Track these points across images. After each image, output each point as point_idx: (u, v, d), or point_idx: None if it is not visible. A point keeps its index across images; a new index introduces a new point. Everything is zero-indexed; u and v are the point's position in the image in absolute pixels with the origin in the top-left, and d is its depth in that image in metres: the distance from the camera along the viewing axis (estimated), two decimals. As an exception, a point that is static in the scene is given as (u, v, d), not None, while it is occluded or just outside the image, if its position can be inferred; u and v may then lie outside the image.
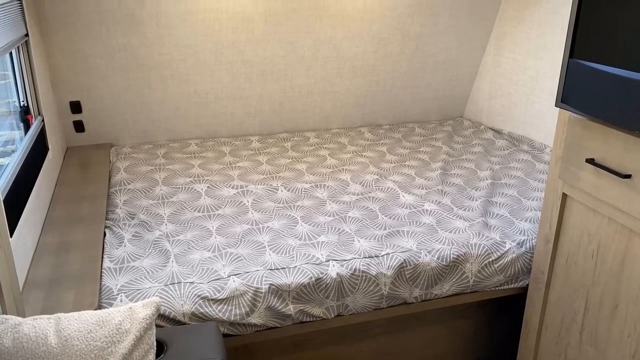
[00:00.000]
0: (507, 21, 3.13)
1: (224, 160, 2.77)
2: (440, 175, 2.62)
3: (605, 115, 1.48)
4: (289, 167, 2.70)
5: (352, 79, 3.19)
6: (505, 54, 3.17)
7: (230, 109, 3.06)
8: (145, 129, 2.96)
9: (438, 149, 3.00)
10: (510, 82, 3.15)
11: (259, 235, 2.02)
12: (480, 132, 3.23)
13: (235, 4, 2.71)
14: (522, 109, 3.09)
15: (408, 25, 3.08)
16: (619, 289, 1.61)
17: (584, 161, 1.63)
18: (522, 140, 3.04)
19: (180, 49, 2.77)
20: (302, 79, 3.09)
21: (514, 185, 2.51)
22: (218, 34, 2.78)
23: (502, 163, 2.78)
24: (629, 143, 1.48)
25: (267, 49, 2.91)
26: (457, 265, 1.92)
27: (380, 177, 2.59)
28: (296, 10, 2.83)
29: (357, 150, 2.96)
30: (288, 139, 3.10)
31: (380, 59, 3.17)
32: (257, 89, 3.04)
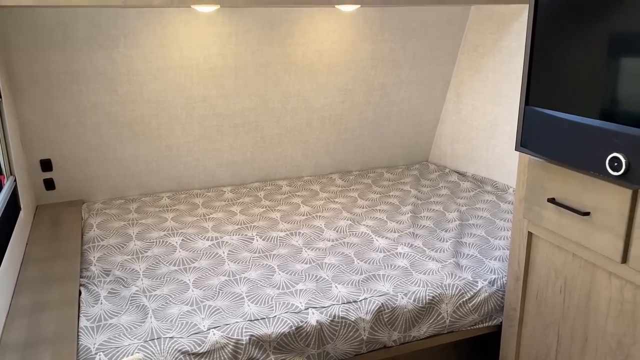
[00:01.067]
0: (464, 70, 3.30)
1: (197, 212, 2.79)
2: (411, 218, 2.69)
3: (561, 157, 1.59)
4: (263, 216, 2.74)
5: (321, 128, 3.28)
6: (464, 101, 3.33)
7: (202, 161, 3.10)
8: (117, 185, 2.97)
9: (407, 192, 3.09)
10: (471, 127, 3.30)
11: (236, 287, 2.03)
12: (445, 175, 3.35)
13: (205, 61, 2.80)
14: (483, 152, 3.23)
15: (372, 77, 3.22)
16: (588, 323, 1.68)
17: (545, 201, 1.73)
18: (486, 181, 3.16)
19: (151, 105, 2.82)
20: (272, 130, 3.17)
21: (482, 226, 2.60)
22: (189, 89, 2.85)
23: (468, 204, 2.88)
24: (585, 183, 1.58)
25: (238, 102, 2.99)
26: (432, 306, 1.97)
27: (354, 222, 2.64)
28: (265, 65, 2.93)
29: (329, 196, 3.02)
30: (261, 188, 3.14)
31: (348, 109, 3.29)
32: (228, 141, 3.10)
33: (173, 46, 2.70)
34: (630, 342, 1.55)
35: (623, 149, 1.39)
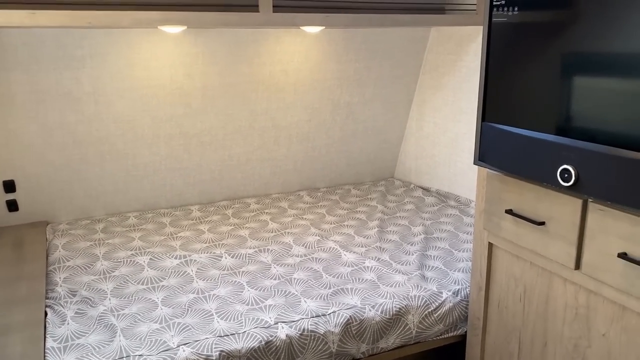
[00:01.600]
0: (426, 89, 3.42)
1: (164, 231, 2.78)
2: (378, 232, 2.75)
3: (517, 170, 1.67)
4: (231, 233, 2.75)
5: (288, 146, 3.33)
6: (426, 119, 3.44)
7: (169, 180, 3.10)
8: (83, 205, 2.94)
9: (374, 208, 3.15)
10: (433, 143, 3.41)
11: (205, 304, 2.03)
12: (410, 191, 3.43)
13: (172, 81, 2.83)
14: (446, 167, 3.33)
15: (337, 95, 3.30)
16: (546, 328, 1.75)
17: (503, 212, 1.81)
18: (449, 196, 3.26)
19: (118, 125, 2.82)
20: (240, 148, 3.20)
21: (445, 239, 2.67)
22: (156, 109, 2.86)
23: (432, 218, 2.96)
24: (540, 194, 1.67)
25: (205, 121, 3.02)
26: (399, 317, 2.02)
27: (322, 237, 2.68)
28: (232, 84, 2.97)
29: (297, 213, 3.06)
30: (229, 206, 3.16)
31: (314, 127, 3.35)
32: (195, 159, 3.11)
33: (140, 66, 2.72)
34: (585, 344, 1.62)
35: (572, 161, 1.48)
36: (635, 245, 1.40)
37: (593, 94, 1.42)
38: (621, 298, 1.48)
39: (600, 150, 1.40)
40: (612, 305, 1.53)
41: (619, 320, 1.51)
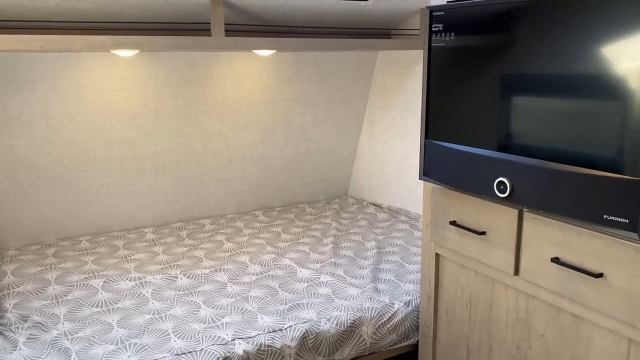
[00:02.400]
0: (375, 110, 3.55)
1: (118, 254, 2.76)
2: (332, 249, 2.82)
3: (458, 184, 1.78)
4: (186, 255, 2.76)
5: (243, 166, 3.38)
6: (377, 138, 3.57)
7: (122, 202, 3.08)
8: (32, 230, 2.88)
9: (328, 225, 3.23)
10: (384, 162, 3.53)
11: (162, 324, 2.04)
12: (363, 208, 3.53)
13: (125, 104, 2.84)
14: (396, 184, 3.46)
15: (290, 116, 3.38)
16: (491, 333, 1.86)
17: (448, 223, 1.92)
18: (400, 212, 3.38)
19: (69, 148, 2.80)
20: (194, 169, 3.22)
21: (397, 252, 2.77)
22: (109, 131, 2.86)
23: (385, 234, 3.06)
24: (480, 206, 1.79)
25: (158, 142, 3.03)
26: (354, 329, 2.08)
27: (278, 255, 2.73)
28: (185, 106, 3.01)
29: (253, 232, 3.09)
30: (183, 227, 3.16)
31: (268, 147, 3.41)
32: (149, 182, 3.11)
33: (92, 89, 2.72)
34: (526, 346, 1.73)
35: (507, 174, 1.60)
36: (566, 250, 1.52)
37: (524, 112, 1.55)
38: (556, 300, 1.60)
39: (530, 163, 1.53)
40: (548, 307, 1.64)
41: (555, 321, 1.63)
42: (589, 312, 1.50)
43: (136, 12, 2.38)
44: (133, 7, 2.33)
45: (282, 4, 2.56)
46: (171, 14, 2.46)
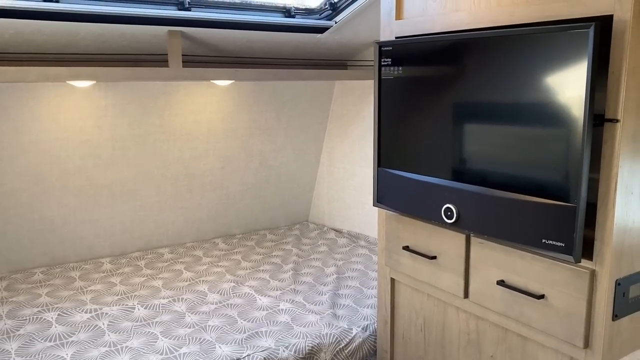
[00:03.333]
0: (334, 137, 3.63)
1: (73, 285, 2.71)
2: (292, 275, 2.84)
3: (409, 210, 1.85)
4: (144, 285, 2.73)
5: (202, 194, 3.38)
6: (336, 165, 3.64)
7: (79, 233, 3.03)
8: (-17, 263, 2.80)
9: (289, 251, 3.25)
10: (343, 187, 3.59)
11: (118, 356, 2.01)
12: (324, 233, 3.57)
13: (81, 133, 2.82)
14: (356, 210, 3.52)
15: (250, 143, 3.42)
16: (444, 355, 1.91)
17: (401, 248, 1.97)
18: (360, 237, 3.43)
19: (23, 178, 2.75)
20: (152, 198, 3.20)
21: (356, 277, 2.81)
22: (65, 161, 2.83)
23: (344, 259, 3.11)
24: (430, 231, 1.85)
25: (116, 172, 3.01)
26: (312, 355, 2.10)
27: (237, 284, 2.73)
28: (143, 135, 3.01)
29: (212, 261, 3.09)
30: (141, 257, 3.13)
31: (228, 174, 3.43)
32: (106, 211, 3.07)
33: (47, 119, 2.70)
34: (477, 367, 1.79)
35: (453, 200, 1.68)
36: (511, 273, 1.60)
37: (468, 141, 1.63)
38: (503, 321, 1.66)
39: (475, 190, 1.61)
40: (496, 328, 1.70)
41: (503, 341, 1.69)
42: (533, 332, 1.57)
43: (93, 43, 2.39)
44: (89, 39, 2.35)
45: (240, 37, 2.62)
46: (128, 45, 2.49)
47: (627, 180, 1.35)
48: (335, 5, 2.58)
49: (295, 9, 2.58)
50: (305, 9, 2.62)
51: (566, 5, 1.39)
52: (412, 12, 1.84)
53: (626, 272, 1.41)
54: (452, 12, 1.71)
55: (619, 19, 1.29)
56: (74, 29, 2.23)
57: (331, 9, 2.60)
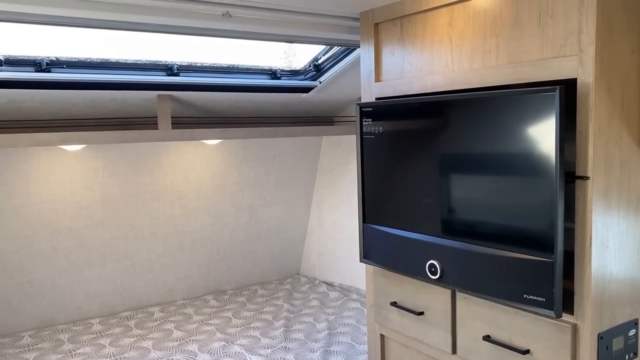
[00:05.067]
0: (323, 189, 3.68)
1: (62, 349, 2.68)
2: (283, 332, 2.82)
3: (395, 266, 1.87)
4: (133, 346, 2.70)
5: (192, 250, 3.38)
6: (325, 217, 3.67)
7: (68, 294, 3.01)
8: (-30, 328, 2.77)
9: (280, 307, 3.23)
10: (333, 240, 3.61)
11: None
12: (315, 287, 3.56)
13: (72, 194, 2.85)
14: (346, 262, 3.53)
15: (240, 199, 3.46)
16: (437, 412, 1.88)
17: (389, 304, 1.98)
18: (351, 289, 3.43)
19: (12, 241, 2.76)
20: (142, 257, 3.20)
21: (348, 333, 2.80)
22: (55, 222, 2.85)
23: (336, 313, 3.09)
24: (417, 286, 1.87)
25: (106, 232, 3.03)
26: (303, 417, 2.07)
27: (227, 342, 2.70)
28: (134, 194, 3.04)
29: (203, 319, 3.06)
30: (132, 317, 3.10)
31: (218, 230, 3.45)
32: (96, 271, 3.07)
33: (38, 182, 2.74)
34: None
35: (437, 256, 1.70)
36: (496, 328, 1.61)
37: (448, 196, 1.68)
38: (492, 377, 1.66)
39: (456, 246, 1.64)
40: (486, 384, 1.70)
41: (494, 397, 1.68)
42: (522, 387, 1.56)
43: (84, 108, 2.46)
44: (80, 105, 2.41)
45: (228, 98, 2.70)
46: (119, 109, 2.56)
47: (602, 234, 1.39)
48: (319, 66, 2.68)
49: (281, 70, 2.68)
50: (290, 71, 2.71)
51: (533, 69, 1.46)
52: (390, 74, 1.93)
53: (608, 325, 1.43)
54: (427, 74, 1.79)
55: (582, 82, 1.36)
56: (65, 96, 2.30)
57: (315, 70, 2.70)
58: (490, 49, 1.58)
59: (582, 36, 1.34)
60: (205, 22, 1.80)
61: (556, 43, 1.41)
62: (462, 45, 1.66)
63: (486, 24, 1.59)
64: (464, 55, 1.66)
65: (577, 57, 1.36)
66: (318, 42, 2.31)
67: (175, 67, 2.40)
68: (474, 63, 1.63)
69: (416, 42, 1.81)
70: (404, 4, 1.80)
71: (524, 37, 1.48)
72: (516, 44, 1.50)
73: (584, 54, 1.34)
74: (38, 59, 2.14)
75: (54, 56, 2.18)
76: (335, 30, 2.05)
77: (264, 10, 1.82)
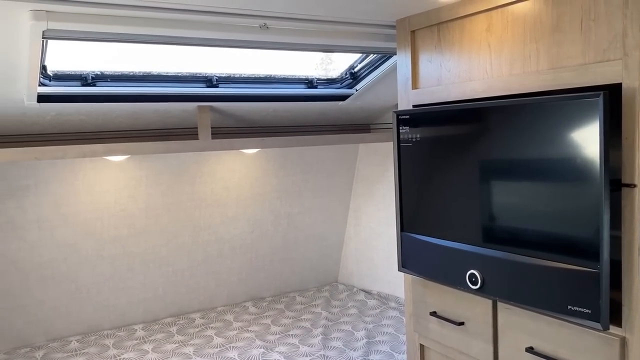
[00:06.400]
0: (359, 196, 3.67)
1: (107, 354, 2.75)
2: (322, 340, 2.82)
3: (434, 276, 1.85)
4: (175, 352, 2.75)
5: (232, 258, 3.43)
6: (363, 224, 3.66)
7: (113, 300, 3.10)
8: (21, 332, 2.88)
9: (318, 315, 3.24)
10: (371, 247, 3.60)
11: None
12: (353, 295, 3.56)
13: (116, 203, 2.94)
14: (384, 270, 3.51)
15: (278, 207, 3.49)
16: None
17: (429, 314, 1.96)
18: (390, 298, 3.40)
19: (61, 249, 2.87)
20: (184, 264, 3.27)
21: (387, 342, 2.78)
22: (100, 231, 2.94)
23: (375, 322, 3.07)
24: (457, 296, 1.84)
25: (149, 239, 3.11)
26: None
27: (267, 349, 2.73)
28: (175, 203, 3.11)
29: (242, 325, 3.10)
30: (173, 323, 3.16)
31: (257, 238, 3.49)
32: (139, 278, 3.15)
33: (84, 192, 2.83)
34: None
35: (477, 266, 1.67)
36: (539, 340, 1.57)
37: (489, 203, 1.65)
38: (536, 390, 1.61)
39: (498, 255, 1.61)
40: (530, 397, 1.65)
41: (538, 411, 1.63)
42: (567, 401, 1.52)
43: (127, 120, 2.54)
44: (123, 117, 2.49)
45: (265, 107, 2.74)
46: (160, 120, 2.63)
47: (651, 244, 1.34)
48: (355, 74, 2.69)
49: (318, 79, 2.69)
50: (326, 79, 2.73)
51: (575, 74, 1.43)
52: (428, 82, 1.91)
53: (659, 338, 1.38)
54: (465, 81, 1.77)
55: (628, 87, 1.32)
56: (110, 109, 2.38)
57: (352, 78, 2.71)
58: (530, 54, 1.55)
59: (627, 39, 1.31)
60: (244, 35, 1.84)
61: (599, 47, 1.37)
62: (501, 50, 1.63)
63: (526, 29, 1.56)
64: (503, 60, 1.63)
65: (622, 61, 1.32)
66: (355, 50, 2.32)
67: (214, 78, 2.45)
68: (513, 69, 1.60)
69: (454, 48, 1.79)
70: (441, 10, 1.79)
71: (565, 42, 1.45)
72: (557, 49, 1.47)
73: (629, 58, 1.30)
74: (84, 74, 2.22)
75: (98, 70, 2.26)
76: (372, 38, 2.05)
77: (301, 21, 1.84)
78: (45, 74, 2.11)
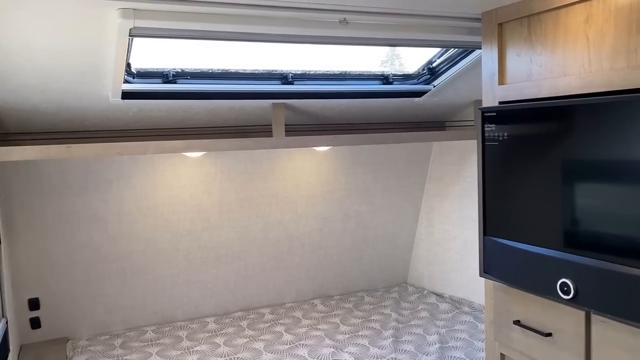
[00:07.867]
0: (433, 197, 3.56)
1: (181, 345, 2.82)
2: (393, 343, 2.76)
3: (520, 283, 1.75)
4: (246, 346, 2.78)
5: (301, 255, 3.43)
6: (436, 225, 3.55)
7: (187, 292, 3.18)
8: (102, 320, 3.00)
9: (388, 316, 3.17)
10: (444, 249, 3.49)
11: (222, 422, 2.04)
12: (424, 297, 3.46)
13: (192, 198, 3.00)
14: (458, 273, 3.39)
15: (347, 205, 3.45)
16: None
17: (512, 323, 1.85)
18: (463, 302, 3.28)
19: (140, 241, 2.96)
20: (255, 259, 3.30)
21: (461, 347, 2.67)
22: (176, 224, 3.02)
23: (447, 326, 2.97)
24: (545, 305, 1.73)
25: (222, 234, 3.16)
26: None
27: (337, 349, 2.70)
28: (247, 198, 3.15)
29: (311, 323, 3.09)
30: (244, 317, 3.20)
31: (326, 236, 3.47)
32: (212, 272, 3.21)
33: (162, 186, 2.92)
34: None
35: (570, 274, 1.56)
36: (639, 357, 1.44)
37: (582, 207, 1.53)
38: (634, 411, 1.48)
39: (595, 265, 1.49)
40: (627, 418, 1.52)
41: None
42: None
43: (204, 117, 2.58)
44: (201, 114, 2.53)
45: (339, 104, 2.70)
46: (236, 117, 2.65)
47: None
48: (433, 69, 2.59)
49: (393, 75, 2.63)
50: (403, 75, 2.65)
51: (690, 67, 1.29)
52: (516, 77, 1.81)
53: None
54: (559, 76, 1.65)
55: None
56: (189, 105, 2.42)
57: (429, 74, 2.62)
58: (636, 48, 1.43)
59: None
60: (322, 30, 1.80)
61: None
62: (601, 43, 1.51)
63: (631, 20, 1.43)
64: (603, 54, 1.51)
65: None
66: (436, 45, 2.24)
67: (290, 75, 2.44)
68: (615, 63, 1.48)
69: (546, 41, 1.68)
70: (532, 1, 1.68)
71: (680, 32, 1.31)
72: (670, 40, 1.34)
73: None
74: (165, 71, 2.27)
75: (179, 68, 2.30)
76: (454, 32, 1.96)
77: (381, 15, 1.79)
78: (130, 72, 2.18)
